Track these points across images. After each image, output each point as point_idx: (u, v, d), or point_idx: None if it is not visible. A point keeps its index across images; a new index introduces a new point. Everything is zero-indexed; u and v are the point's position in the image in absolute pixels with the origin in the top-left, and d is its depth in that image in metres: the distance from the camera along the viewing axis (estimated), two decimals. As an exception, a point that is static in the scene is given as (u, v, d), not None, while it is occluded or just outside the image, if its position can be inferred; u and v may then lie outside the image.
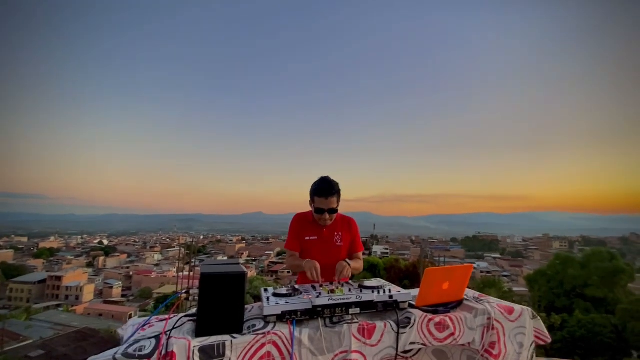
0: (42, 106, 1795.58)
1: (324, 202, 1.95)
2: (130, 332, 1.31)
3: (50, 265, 73.70)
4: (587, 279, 22.67)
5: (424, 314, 1.41)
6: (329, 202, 1.96)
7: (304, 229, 2.08)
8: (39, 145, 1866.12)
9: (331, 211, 1.98)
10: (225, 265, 1.34)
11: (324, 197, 1.94)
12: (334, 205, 1.99)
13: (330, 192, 1.95)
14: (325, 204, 1.95)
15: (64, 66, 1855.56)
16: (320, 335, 1.25)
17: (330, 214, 1.99)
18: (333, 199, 1.97)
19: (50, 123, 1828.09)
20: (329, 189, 1.95)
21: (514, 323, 1.48)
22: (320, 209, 1.96)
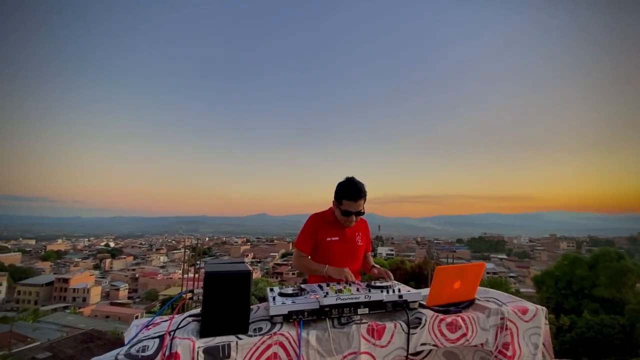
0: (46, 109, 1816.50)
1: (352, 205, 1.92)
2: (133, 333, 1.29)
3: (57, 268, 74.44)
4: (595, 279, 22.38)
5: (435, 314, 1.36)
6: (358, 205, 1.93)
7: (324, 230, 2.03)
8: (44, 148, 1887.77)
9: (359, 214, 1.97)
10: (230, 264, 1.31)
11: (353, 201, 1.92)
12: (362, 208, 1.97)
13: (360, 195, 1.93)
14: (354, 207, 1.92)
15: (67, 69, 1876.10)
16: (328, 336, 1.21)
17: (357, 216, 1.97)
18: (361, 201, 1.95)
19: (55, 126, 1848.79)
20: (358, 192, 1.93)
21: (529, 323, 1.43)
22: (348, 211, 1.93)
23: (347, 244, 2.03)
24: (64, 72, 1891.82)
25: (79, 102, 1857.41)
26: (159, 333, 1.15)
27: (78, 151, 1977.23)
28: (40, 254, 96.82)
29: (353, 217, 1.95)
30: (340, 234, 2.03)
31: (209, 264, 1.32)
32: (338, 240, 2.01)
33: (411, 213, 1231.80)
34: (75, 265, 77.26)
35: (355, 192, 1.92)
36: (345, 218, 1.96)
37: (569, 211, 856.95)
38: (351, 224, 2.00)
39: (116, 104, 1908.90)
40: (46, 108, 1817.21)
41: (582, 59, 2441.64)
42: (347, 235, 2.04)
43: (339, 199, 1.98)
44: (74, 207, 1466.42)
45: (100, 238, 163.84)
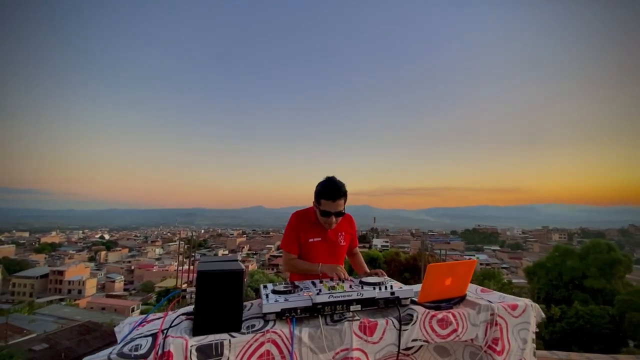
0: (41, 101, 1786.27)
1: (331, 205, 1.85)
2: (126, 331, 1.29)
3: (52, 260, 74.14)
4: (586, 270, 22.81)
5: (426, 310, 1.38)
6: (337, 205, 1.86)
7: (306, 230, 1.97)
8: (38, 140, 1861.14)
9: (338, 214, 1.89)
10: (223, 262, 1.31)
11: (331, 200, 1.84)
12: (342, 208, 1.89)
13: (338, 195, 1.85)
14: (333, 207, 1.85)
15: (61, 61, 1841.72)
16: (320, 333, 1.22)
17: (337, 217, 1.90)
18: (340, 201, 1.87)
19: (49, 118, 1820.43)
20: (336, 191, 1.85)
21: (518, 319, 1.46)
22: (327, 211, 1.86)
23: (330, 245, 1.98)
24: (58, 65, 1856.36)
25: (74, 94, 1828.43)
26: (151, 331, 1.15)
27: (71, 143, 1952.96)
28: (34, 246, 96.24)
29: (333, 218, 1.89)
30: (323, 235, 1.97)
31: (202, 262, 1.32)
32: (320, 240, 1.96)
33: (406, 205, 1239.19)
34: (69, 257, 76.93)
35: (334, 191, 1.85)
36: (325, 219, 1.90)
37: (562, 204, 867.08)
38: (331, 225, 1.93)
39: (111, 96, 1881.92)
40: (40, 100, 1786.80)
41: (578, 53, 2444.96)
42: (329, 236, 1.98)
43: (318, 199, 1.91)
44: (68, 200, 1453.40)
45: (95, 230, 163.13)
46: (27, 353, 12.95)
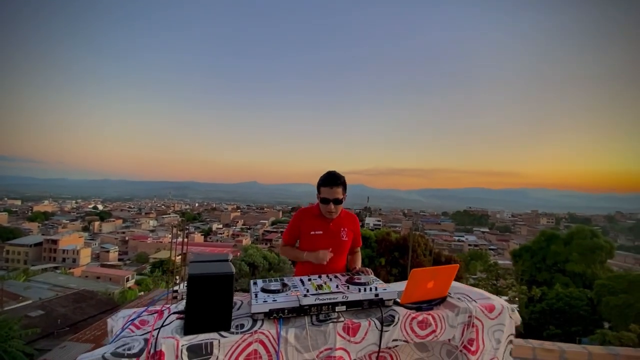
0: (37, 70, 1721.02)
1: (329, 191, 1.98)
2: (120, 324, 1.34)
3: (45, 229, 74.22)
4: (569, 255, 23.57)
5: (408, 311, 1.45)
6: (335, 192, 1.98)
7: (309, 224, 2.07)
8: (30, 108, 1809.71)
9: (336, 202, 1.99)
10: (214, 263, 1.35)
11: (329, 187, 1.98)
12: (340, 196, 2.00)
13: (336, 182, 1.99)
14: (331, 194, 1.97)
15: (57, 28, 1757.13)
16: (306, 333, 1.29)
17: (335, 204, 2.00)
18: (339, 189, 1.99)
19: (44, 87, 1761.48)
20: (334, 179, 1.99)
21: (494, 320, 1.54)
22: (326, 199, 1.98)
23: (332, 238, 2.05)
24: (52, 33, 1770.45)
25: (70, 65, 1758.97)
26: (144, 331, 1.20)
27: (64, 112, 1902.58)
28: (26, 214, 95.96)
29: (332, 206, 1.98)
30: (324, 228, 2.06)
31: (193, 262, 1.35)
32: (322, 234, 2.05)
33: (400, 185, 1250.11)
34: (63, 226, 77.04)
35: (332, 179, 1.99)
36: (325, 206, 2.00)
37: (552, 188, 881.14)
38: (331, 214, 2.03)
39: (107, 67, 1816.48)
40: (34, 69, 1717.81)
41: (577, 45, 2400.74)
42: (332, 230, 2.06)
43: (318, 189, 2.05)
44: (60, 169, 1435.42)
45: (88, 200, 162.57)
46: (23, 319, 13.23)
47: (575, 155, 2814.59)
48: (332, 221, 2.07)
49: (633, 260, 49.41)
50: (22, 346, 10.44)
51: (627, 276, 18.21)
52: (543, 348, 2.87)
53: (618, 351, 2.84)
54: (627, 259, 50.13)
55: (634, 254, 58.02)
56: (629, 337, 12.72)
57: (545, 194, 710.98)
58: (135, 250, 62.11)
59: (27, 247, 51.50)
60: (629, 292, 16.52)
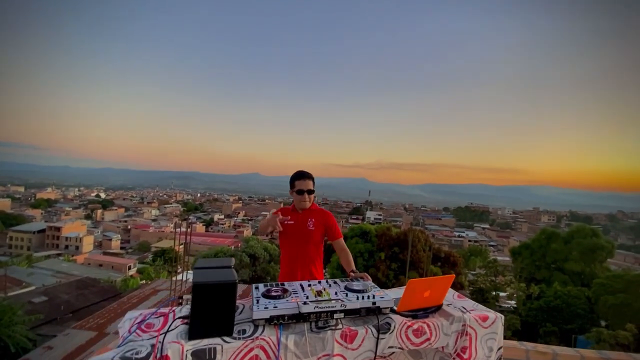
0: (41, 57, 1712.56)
1: (302, 183, 2.38)
2: (127, 327, 1.40)
3: (48, 216, 74.85)
4: (569, 253, 23.59)
5: (404, 319, 1.50)
6: (307, 184, 2.39)
7: (284, 214, 2.41)
8: (34, 95, 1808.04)
9: (309, 192, 2.39)
10: (217, 270, 1.40)
11: (302, 180, 2.39)
12: (311, 187, 2.41)
13: (307, 176, 2.41)
14: (305, 185, 2.38)
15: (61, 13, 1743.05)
16: (305, 340, 1.34)
17: (309, 194, 2.39)
18: (310, 181, 2.41)
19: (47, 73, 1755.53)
20: (305, 173, 2.42)
21: (487, 329, 1.59)
22: (301, 190, 2.37)
23: (299, 226, 2.40)
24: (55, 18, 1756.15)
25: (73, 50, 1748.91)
26: (150, 335, 1.26)
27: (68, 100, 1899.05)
28: (29, 201, 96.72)
29: (306, 196, 2.38)
30: (295, 218, 2.42)
31: (197, 268, 1.40)
32: (292, 223, 2.41)
33: (402, 180, 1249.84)
34: (66, 214, 77.65)
35: (303, 173, 2.42)
36: (300, 197, 2.38)
37: (554, 186, 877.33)
38: (305, 203, 2.40)
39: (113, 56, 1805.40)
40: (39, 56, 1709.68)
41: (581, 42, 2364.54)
42: (299, 219, 2.42)
43: (292, 183, 2.44)
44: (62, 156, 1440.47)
45: (91, 188, 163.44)
46: (26, 305, 13.46)
47: (578, 153, 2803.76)
48: (301, 214, 2.43)
49: (633, 260, 49.48)
50: (26, 332, 10.66)
51: (626, 276, 18.27)
52: (536, 350, 2.93)
53: (610, 355, 2.90)
54: (627, 258, 50.19)
55: (634, 253, 58.05)
56: (624, 335, 12.85)
57: (547, 192, 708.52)
58: (137, 239, 62.67)
59: (30, 234, 52.04)
60: (627, 291, 16.60)
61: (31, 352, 8.04)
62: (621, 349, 12.20)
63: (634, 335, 13.12)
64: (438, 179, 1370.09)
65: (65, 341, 7.94)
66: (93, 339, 7.86)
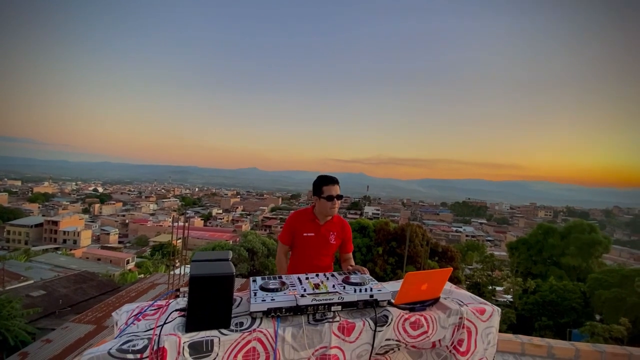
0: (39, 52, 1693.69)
1: (332, 189, 2.20)
2: (124, 319, 1.39)
3: (46, 210, 74.61)
4: (565, 248, 23.77)
5: (401, 312, 1.50)
6: (337, 189, 2.22)
7: (303, 226, 2.27)
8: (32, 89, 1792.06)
9: (339, 197, 2.22)
10: (215, 263, 1.39)
11: (331, 185, 2.20)
12: (340, 192, 2.24)
13: (336, 181, 2.23)
14: (335, 191, 2.20)
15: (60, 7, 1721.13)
16: (302, 332, 1.34)
17: (338, 200, 2.22)
18: (338, 186, 2.24)
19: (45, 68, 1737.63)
20: (333, 178, 2.23)
21: (486, 323, 1.60)
22: (331, 196, 2.19)
23: (321, 240, 2.26)
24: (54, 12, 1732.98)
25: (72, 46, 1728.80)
26: (147, 327, 1.25)
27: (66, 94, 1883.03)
28: (27, 195, 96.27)
29: (336, 202, 2.20)
30: (316, 231, 2.27)
31: (195, 261, 1.39)
32: (313, 236, 2.26)
33: (400, 175, 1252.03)
34: (63, 208, 77.41)
35: (331, 178, 2.23)
36: (330, 204, 2.19)
37: (551, 182, 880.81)
38: (335, 210, 2.23)
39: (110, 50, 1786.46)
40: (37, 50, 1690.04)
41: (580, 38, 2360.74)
42: (322, 232, 2.27)
43: (319, 189, 2.23)
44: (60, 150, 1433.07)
45: (88, 183, 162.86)
46: (24, 298, 13.47)
47: (575, 148, 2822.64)
48: (323, 225, 2.28)
49: (628, 255, 49.95)
50: (24, 325, 10.68)
51: (621, 270, 18.44)
52: (532, 343, 2.96)
53: (604, 348, 2.93)
54: (622, 253, 50.67)
55: (630, 248, 58.60)
56: (618, 329, 13.00)
57: (544, 187, 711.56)
58: (135, 233, 62.66)
59: (28, 228, 51.92)
60: (622, 286, 16.76)
61: (30, 345, 8.06)
62: (615, 342, 12.35)
63: (628, 329, 13.29)
64: (436, 174, 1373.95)
65: (64, 334, 7.96)
66: (91, 333, 7.89)
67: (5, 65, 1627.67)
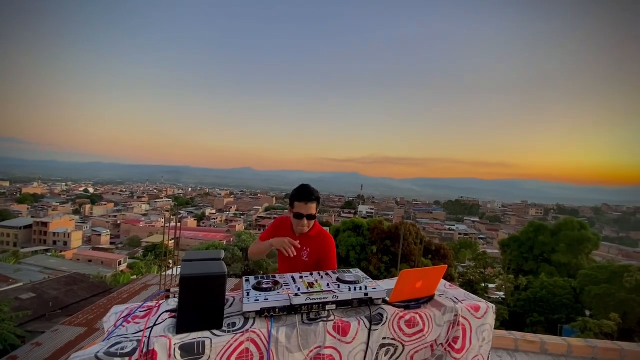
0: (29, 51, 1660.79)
1: (303, 207, 1.96)
2: (112, 321, 1.35)
3: (35, 211, 73.31)
4: (556, 245, 24.10)
5: (396, 310, 1.49)
6: (308, 208, 1.96)
7: (281, 236, 2.04)
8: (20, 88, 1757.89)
9: (310, 217, 1.98)
10: (206, 263, 1.36)
11: (303, 202, 1.96)
12: (313, 212, 1.99)
13: (310, 198, 1.96)
14: (305, 209, 1.96)
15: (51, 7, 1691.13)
16: (296, 333, 1.32)
17: (308, 220, 1.98)
18: (313, 204, 1.98)
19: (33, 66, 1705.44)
20: (309, 194, 1.96)
21: (481, 320, 1.60)
22: (299, 214, 1.97)
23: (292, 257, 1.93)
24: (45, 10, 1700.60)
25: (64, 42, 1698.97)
26: (136, 329, 1.22)
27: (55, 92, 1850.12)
28: (15, 196, 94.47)
29: (305, 221, 1.97)
30: None
31: (185, 261, 1.36)
32: None
33: (394, 174, 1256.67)
34: (53, 209, 76.12)
35: (307, 194, 1.96)
36: (298, 221, 1.98)
37: (542, 180, 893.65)
38: (303, 229, 2.00)
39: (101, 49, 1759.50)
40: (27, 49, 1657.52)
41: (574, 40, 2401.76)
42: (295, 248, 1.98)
43: (291, 203, 2.02)
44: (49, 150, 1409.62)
45: (79, 183, 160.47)
46: (13, 301, 13.20)
47: (565, 147, 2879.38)
48: (298, 237, 2.04)
49: (617, 251, 50.94)
50: (14, 328, 10.47)
51: (610, 267, 18.76)
52: (525, 339, 2.98)
53: (596, 344, 2.97)
54: (611, 250, 51.65)
55: (618, 245, 59.76)
56: (608, 325, 13.25)
57: (535, 185, 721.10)
58: (127, 234, 61.90)
59: (17, 230, 50.95)
60: (611, 282, 17.06)
61: (19, 348, 7.89)
62: (605, 337, 12.58)
63: (618, 324, 13.54)
64: (429, 173, 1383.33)
65: (54, 337, 7.81)
66: (82, 335, 7.76)
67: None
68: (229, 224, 71.32)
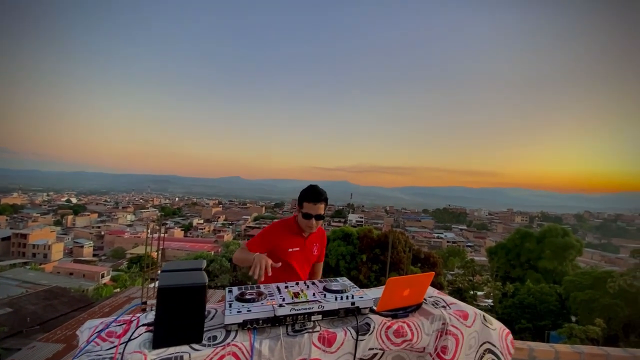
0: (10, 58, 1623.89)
1: (312, 207, 2.01)
2: (86, 336, 1.28)
3: (14, 222, 70.79)
4: (541, 252, 24.55)
5: (384, 319, 1.45)
6: (318, 208, 2.02)
7: (286, 240, 2.09)
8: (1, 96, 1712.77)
9: (319, 217, 2.04)
10: (186, 273, 1.30)
11: (313, 203, 2.01)
12: (322, 212, 2.05)
13: (319, 199, 2.02)
14: (314, 210, 2.01)
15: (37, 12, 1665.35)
16: (280, 345, 1.27)
17: (317, 220, 2.04)
18: (322, 205, 2.04)
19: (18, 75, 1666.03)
20: (318, 195, 2.02)
21: (471, 328, 1.57)
22: (308, 214, 2.01)
23: (306, 253, 2.17)
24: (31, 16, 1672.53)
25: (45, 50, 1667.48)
26: (110, 345, 1.15)
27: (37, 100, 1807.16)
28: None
29: (314, 221, 2.03)
30: (301, 245, 2.14)
31: (164, 271, 1.30)
32: (298, 250, 2.13)
33: (383, 183, 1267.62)
34: (33, 220, 73.61)
35: (316, 195, 2.02)
36: (307, 222, 2.04)
37: (526, 188, 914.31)
38: (312, 228, 2.08)
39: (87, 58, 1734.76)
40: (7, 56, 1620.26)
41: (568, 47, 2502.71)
42: (307, 245, 2.16)
43: (300, 203, 2.07)
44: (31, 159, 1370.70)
45: (61, 193, 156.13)
46: (-11, 317, 12.60)
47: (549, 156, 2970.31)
48: (307, 238, 2.15)
49: (599, 257, 52.13)
50: (-13, 346, 9.94)
51: (593, 273, 19.17)
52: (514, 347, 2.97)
53: (583, 349, 2.98)
54: (594, 256, 52.83)
55: (600, 251, 61.27)
56: (594, 330, 13.43)
57: (520, 193, 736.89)
58: (111, 246, 60.16)
59: (-6, 242, 48.94)
60: (595, 287, 17.40)
61: (-8, 367, 7.48)
62: (591, 343, 12.74)
63: (603, 329, 13.75)
64: (418, 181, 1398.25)
65: (30, 355, 7.43)
66: (60, 352, 7.40)
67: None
68: (217, 234, 70.23)
